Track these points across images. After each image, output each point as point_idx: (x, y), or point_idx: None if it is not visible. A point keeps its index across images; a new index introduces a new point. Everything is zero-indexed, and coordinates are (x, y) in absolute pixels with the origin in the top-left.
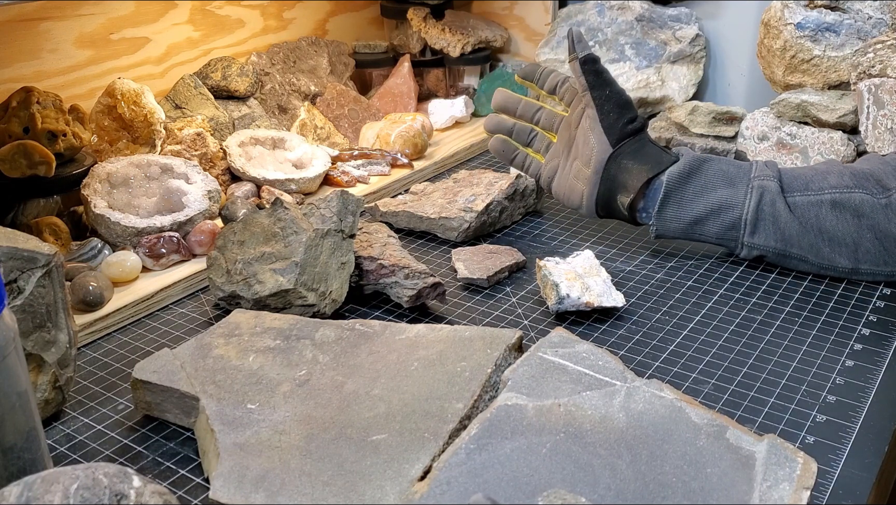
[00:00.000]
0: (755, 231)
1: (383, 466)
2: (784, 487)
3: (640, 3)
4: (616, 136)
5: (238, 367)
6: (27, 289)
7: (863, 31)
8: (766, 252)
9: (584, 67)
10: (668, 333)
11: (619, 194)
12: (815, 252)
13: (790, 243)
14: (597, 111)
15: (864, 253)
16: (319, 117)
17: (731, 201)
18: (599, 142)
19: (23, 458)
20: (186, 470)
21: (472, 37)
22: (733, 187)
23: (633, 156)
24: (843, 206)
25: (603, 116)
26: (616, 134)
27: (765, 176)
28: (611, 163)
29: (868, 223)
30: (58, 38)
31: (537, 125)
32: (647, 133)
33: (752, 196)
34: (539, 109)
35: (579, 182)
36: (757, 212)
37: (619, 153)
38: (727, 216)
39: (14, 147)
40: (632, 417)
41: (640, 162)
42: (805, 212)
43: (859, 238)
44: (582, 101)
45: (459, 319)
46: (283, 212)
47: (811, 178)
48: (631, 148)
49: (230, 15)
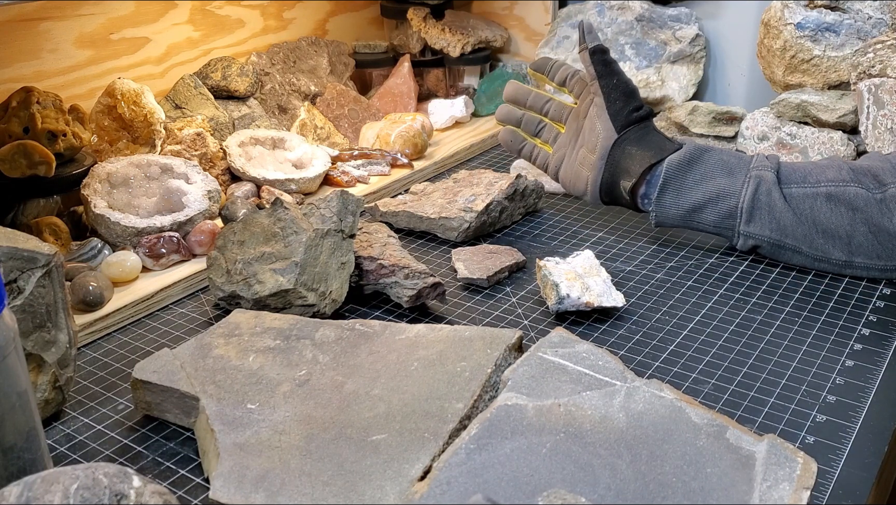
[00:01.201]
0: (751, 220)
1: (383, 466)
2: (784, 487)
3: (640, 3)
4: (621, 123)
5: (238, 367)
6: (27, 289)
7: (863, 31)
8: (760, 242)
9: (593, 57)
10: (668, 333)
11: (622, 179)
12: (808, 243)
13: (785, 234)
14: (604, 99)
15: (858, 246)
16: (319, 117)
17: (728, 190)
18: (605, 128)
19: (23, 458)
20: (186, 470)
21: (472, 37)
22: (732, 177)
23: (637, 142)
24: (838, 200)
25: (609, 104)
26: (622, 121)
27: (763, 167)
28: (615, 148)
29: (862, 217)
30: (58, 38)
31: (546, 116)
32: (652, 121)
33: (749, 185)
34: (549, 101)
35: (584, 168)
36: (753, 201)
37: (624, 139)
38: (724, 204)
39: (14, 147)
40: (632, 417)
41: (643, 148)
42: (800, 203)
43: (853, 231)
44: (590, 92)
45: (459, 319)
46: (283, 212)
47: (809, 172)
48: (635, 135)
49: (230, 15)
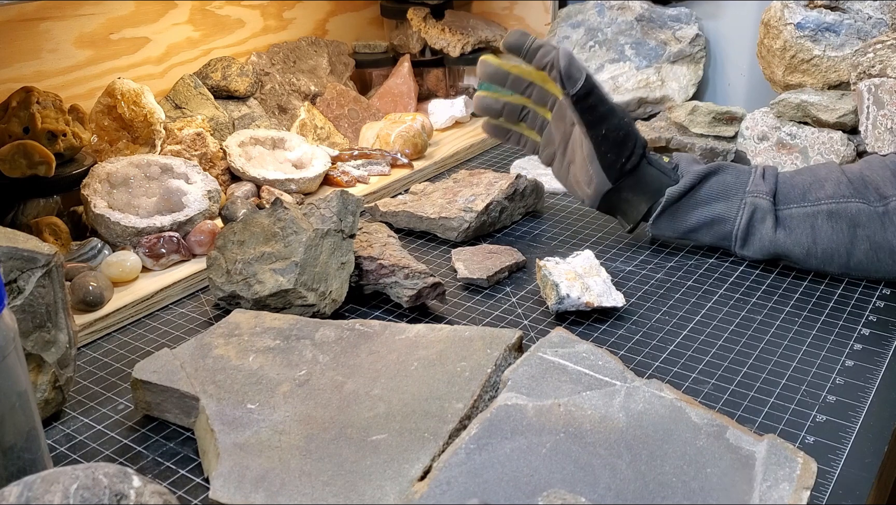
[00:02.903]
0: (745, 245)
1: (383, 466)
2: (784, 487)
3: (640, 3)
4: (615, 175)
5: (238, 367)
6: (27, 289)
7: (863, 31)
8: (757, 261)
9: (577, 106)
10: (668, 333)
11: (620, 217)
12: (804, 262)
13: (780, 256)
14: (594, 150)
15: (857, 264)
16: (319, 117)
17: (724, 215)
18: (598, 175)
19: (23, 458)
20: (186, 470)
21: (472, 37)
22: (728, 201)
23: (633, 189)
24: (839, 217)
25: (601, 156)
26: (615, 173)
27: (759, 193)
28: (611, 194)
29: (864, 233)
30: (58, 38)
31: (529, 99)
32: (645, 159)
33: (744, 212)
34: (530, 84)
35: (579, 189)
36: (748, 228)
37: (619, 188)
38: (720, 229)
39: (14, 147)
40: (632, 417)
41: (639, 193)
42: (801, 223)
43: (853, 248)
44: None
45: (459, 319)
46: (283, 212)
47: (808, 188)
48: (630, 182)
49: (230, 15)
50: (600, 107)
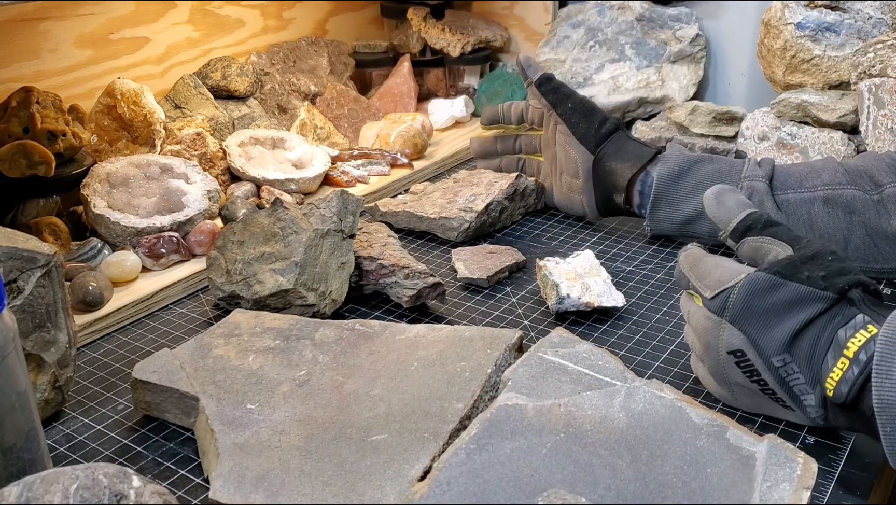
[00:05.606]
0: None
1: (383, 466)
2: (784, 487)
3: (640, 2)
4: (593, 144)
5: (238, 367)
6: (27, 289)
7: (863, 31)
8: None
9: (541, 89)
10: (668, 333)
11: (614, 194)
12: None
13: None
14: (567, 125)
15: (854, 250)
16: (319, 117)
17: None
18: (579, 152)
19: (22, 458)
20: (186, 470)
21: (472, 37)
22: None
23: (615, 156)
24: (836, 203)
25: (574, 129)
26: (592, 141)
27: (754, 176)
28: (596, 168)
29: (860, 219)
30: (58, 38)
31: (521, 153)
32: (622, 131)
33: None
34: (516, 139)
35: (574, 193)
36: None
37: (601, 157)
38: None
39: (14, 147)
40: (632, 418)
41: (621, 160)
42: (797, 209)
43: (850, 234)
44: (551, 119)
45: (459, 319)
46: (283, 212)
47: (805, 176)
48: (611, 149)
49: (230, 15)
50: (562, 88)
